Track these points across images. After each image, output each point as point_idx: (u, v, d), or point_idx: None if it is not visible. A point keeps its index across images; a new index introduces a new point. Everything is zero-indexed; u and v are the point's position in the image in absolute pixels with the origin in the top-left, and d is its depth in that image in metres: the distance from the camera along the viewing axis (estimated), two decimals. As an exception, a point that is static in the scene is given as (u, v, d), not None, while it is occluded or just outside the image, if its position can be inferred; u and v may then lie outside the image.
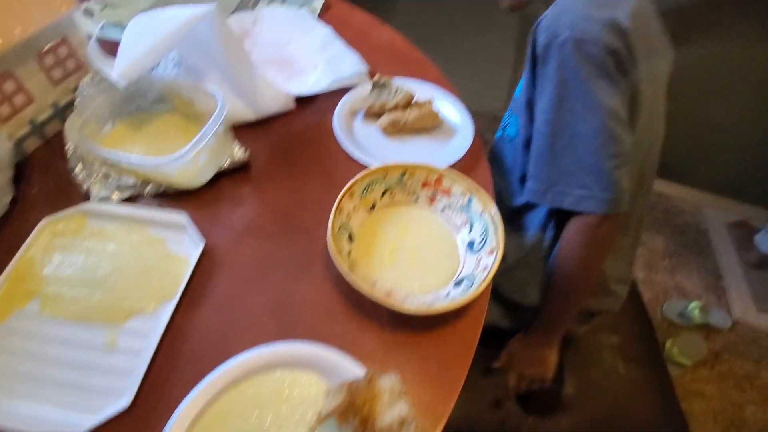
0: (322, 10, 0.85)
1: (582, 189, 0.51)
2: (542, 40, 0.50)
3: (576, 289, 0.59)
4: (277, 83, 0.65)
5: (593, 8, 0.48)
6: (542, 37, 0.50)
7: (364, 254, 0.49)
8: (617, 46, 0.47)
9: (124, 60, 0.48)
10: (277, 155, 0.61)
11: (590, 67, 0.48)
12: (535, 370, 0.67)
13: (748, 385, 1.24)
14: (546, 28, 0.50)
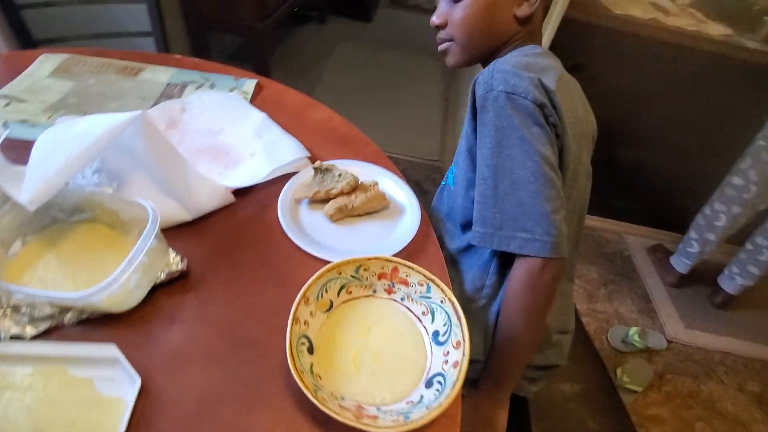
0: (254, 93, 0.85)
1: (525, 233, 0.52)
2: (480, 92, 0.55)
3: (523, 339, 0.58)
4: (212, 176, 0.62)
5: (522, 69, 0.54)
6: (480, 90, 0.55)
7: (326, 367, 0.45)
8: (544, 100, 0.53)
9: (34, 182, 0.43)
10: (219, 257, 0.56)
11: (522, 116, 0.52)
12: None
13: (693, 402, 1.32)
14: (483, 83, 0.55)
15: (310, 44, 2.71)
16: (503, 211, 0.53)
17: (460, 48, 0.64)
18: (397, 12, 3.40)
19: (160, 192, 0.55)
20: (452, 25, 0.62)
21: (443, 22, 0.63)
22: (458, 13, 0.61)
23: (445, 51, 0.66)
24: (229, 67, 0.92)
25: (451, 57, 0.66)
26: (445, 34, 0.64)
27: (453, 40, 0.64)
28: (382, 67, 2.66)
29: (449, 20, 0.62)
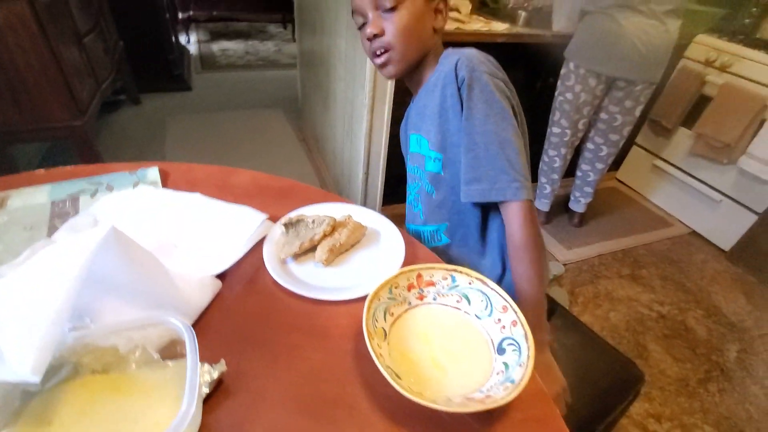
0: (162, 180, 0.77)
1: (515, 182, 0.64)
2: (464, 74, 0.65)
3: (538, 274, 0.66)
4: (193, 273, 0.56)
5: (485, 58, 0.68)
6: (464, 72, 0.65)
7: (419, 382, 0.47)
8: (505, 78, 0.69)
9: (22, 347, 0.34)
10: (242, 345, 0.51)
11: (498, 91, 0.65)
12: (549, 387, 0.64)
13: (599, 300, 1.66)
14: (465, 66, 0.65)
15: (133, 127, 2.46)
16: (495, 168, 0.64)
17: (399, 56, 0.69)
18: (213, 74, 3.35)
19: (146, 307, 0.48)
20: (390, 34, 0.66)
21: (381, 31, 0.67)
22: (395, 22, 0.66)
23: (385, 62, 0.70)
24: (112, 164, 0.81)
25: (391, 67, 0.70)
26: (384, 43, 0.67)
27: (391, 49, 0.68)
28: (225, 129, 2.59)
29: (386, 30, 0.67)
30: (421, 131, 0.76)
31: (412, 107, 0.81)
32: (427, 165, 0.76)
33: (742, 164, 1.81)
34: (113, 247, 0.43)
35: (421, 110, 0.75)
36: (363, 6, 0.67)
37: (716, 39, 1.91)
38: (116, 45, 2.38)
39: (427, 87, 0.74)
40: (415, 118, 0.79)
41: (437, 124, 0.71)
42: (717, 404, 1.31)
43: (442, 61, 0.71)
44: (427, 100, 0.73)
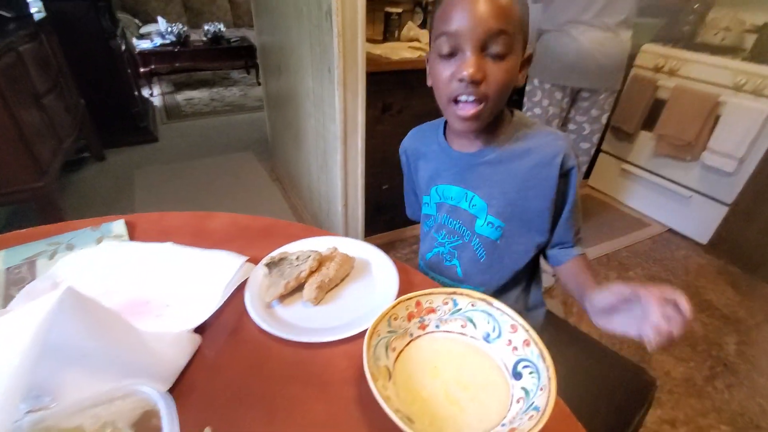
0: (129, 233, 0.72)
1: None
2: (573, 164, 0.65)
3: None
4: (168, 329, 0.50)
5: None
6: (572, 162, 0.65)
7: (435, 424, 0.42)
8: None
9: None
10: (232, 408, 0.45)
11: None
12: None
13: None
14: (572, 157, 0.65)
15: (99, 184, 2.37)
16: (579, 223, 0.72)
17: (489, 112, 0.60)
18: (179, 123, 3.31)
19: (116, 376, 0.42)
20: (491, 84, 0.57)
21: (484, 77, 0.56)
22: (501, 74, 0.56)
23: (475, 114, 0.59)
24: (72, 222, 0.75)
25: (478, 123, 0.60)
26: (480, 93, 0.57)
27: (485, 102, 0.58)
28: (197, 176, 2.53)
29: (488, 78, 0.56)
30: (478, 192, 0.69)
31: (459, 159, 0.70)
32: (480, 228, 0.71)
33: (705, 159, 1.88)
34: (71, 311, 0.38)
35: (485, 171, 0.68)
36: (463, 37, 0.55)
37: (661, 47, 2.03)
38: (77, 103, 2.32)
39: (502, 153, 0.66)
40: (467, 175, 0.69)
41: (510, 196, 0.67)
42: (728, 401, 1.28)
43: (525, 132, 0.66)
44: (499, 166, 0.66)
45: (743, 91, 1.74)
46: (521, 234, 0.70)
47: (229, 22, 4.52)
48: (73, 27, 2.34)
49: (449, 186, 0.72)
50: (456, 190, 0.71)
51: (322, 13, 1.26)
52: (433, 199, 0.76)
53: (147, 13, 4.12)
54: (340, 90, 1.31)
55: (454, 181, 0.71)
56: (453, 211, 0.73)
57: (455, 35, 0.55)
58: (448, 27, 0.56)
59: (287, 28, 1.67)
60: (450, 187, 0.72)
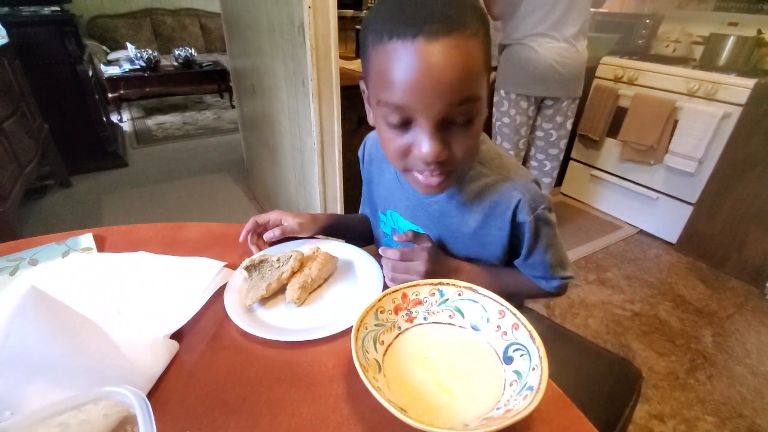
0: (98, 246, 0.68)
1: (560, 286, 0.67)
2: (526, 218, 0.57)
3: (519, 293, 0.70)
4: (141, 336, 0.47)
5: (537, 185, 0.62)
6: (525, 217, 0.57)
7: (429, 413, 0.40)
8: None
9: None
10: (213, 414, 0.43)
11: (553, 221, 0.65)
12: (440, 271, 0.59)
13: (575, 309, 1.66)
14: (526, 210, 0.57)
15: (65, 211, 2.27)
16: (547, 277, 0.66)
17: (459, 175, 0.55)
18: (151, 148, 3.24)
19: (85, 386, 0.39)
20: (460, 155, 0.49)
21: (449, 156, 0.48)
22: (470, 141, 0.49)
23: (440, 183, 0.51)
24: (36, 238, 0.71)
25: (442, 186, 0.52)
26: (446, 169, 0.50)
27: (455, 170, 0.51)
28: (170, 199, 2.46)
29: (454, 148, 0.48)
30: (428, 232, 0.64)
31: (411, 193, 0.65)
32: None
33: (667, 162, 1.98)
34: (34, 315, 0.35)
35: (434, 213, 0.63)
36: (418, 113, 0.45)
37: (619, 58, 2.15)
38: (41, 128, 2.25)
39: (452, 195, 0.60)
40: (418, 212, 0.65)
41: (461, 242, 0.63)
42: (711, 392, 1.30)
43: (480, 172, 0.59)
44: (449, 209, 0.61)
45: (697, 96, 1.85)
46: (480, 262, 0.66)
47: (201, 47, 4.52)
48: (38, 52, 2.29)
49: (401, 217, 0.68)
50: (406, 223, 0.67)
51: (294, 27, 1.28)
52: (388, 222, 0.72)
53: (115, 41, 4.08)
54: (315, 103, 1.32)
55: (405, 214, 0.67)
56: (396, 232, 0.71)
57: (404, 108, 0.45)
58: (391, 98, 0.44)
59: (260, 46, 1.68)
60: (401, 218, 0.68)
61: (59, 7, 2.34)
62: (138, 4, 4.30)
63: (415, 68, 0.42)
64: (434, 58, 0.41)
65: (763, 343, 1.52)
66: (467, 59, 0.43)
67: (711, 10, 2.21)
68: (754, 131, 1.71)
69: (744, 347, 1.49)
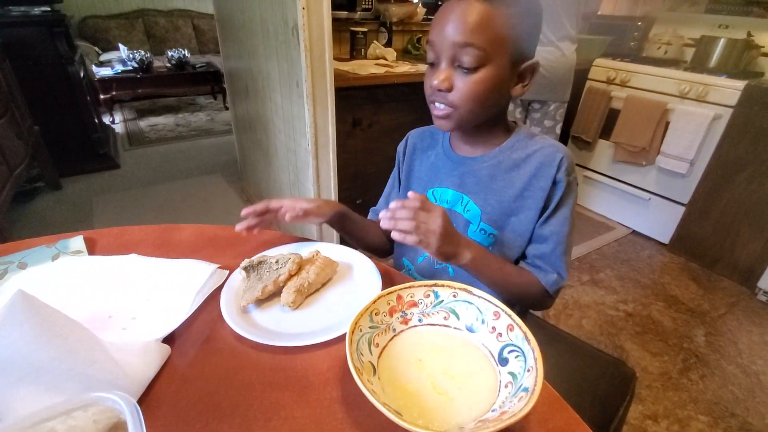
0: (89, 249, 0.67)
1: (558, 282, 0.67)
2: (564, 177, 0.63)
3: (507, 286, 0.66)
4: (133, 339, 0.46)
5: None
6: (563, 175, 0.63)
7: (424, 415, 0.40)
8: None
9: None
10: (207, 419, 0.42)
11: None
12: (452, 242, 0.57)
13: (569, 309, 1.67)
14: (566, 170, 0.63)
15: (55, 213, 2.24)
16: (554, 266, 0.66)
17: (461, 117, 0.61)
18: (143, 149, 3.21)
19: (75, 391, 0.38)
20: (459, 94, 0.58)
21: (449, 88, 0.58)
22: (469, 85, 0.58)
23: (442, 117, 0.62)
24: (25, 241, 0.70)
25: (447, 122, 0.62)
26: (448, 101, 0.59)
27: (455, 109, 0.60)
28: (163, 200, 2.44)
29: (456, 88, 0.58)
30: (474, 198, 0.68)
31: (459, 162, 0.70)
32: (472, 233, 0.70)
33: (659, 163, 2.00)
34: (23, 319, 0.34)
35: (483, 177, 0.67)
36: (440, 48, 0.58)
37: (611, 61, 2.17)
38: (31, 129, 2.22)
39: (502, 160, 0.66)
40: (466, 179, 0.69)
41: (505, 204, 0.66)
42: (703, 391, 1.31)
43: (527, 142, 0.66)
44: (498, 173, 0.66)
45: (688, 98, 1.87)
46: (511, 244, 0.68)
47: (194, 48, 4.49)
48: (28, 53, 2.26)
49: (446, 189, 0.71)
50: (452, 193, 0.70)
51: (288, 29, 1.27)
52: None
53: (108, 41, 4.04)
54: (309, 104, 1.31)
55: (451, 184, 0.71)
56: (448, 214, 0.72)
57: (433, 45, 0.59)
58: (430, 36, 0.60)
59: (254, 47, 1.67)
60: (447, 190, 0.71)
61: (50, 8, 2.31)
62: (130, 4, 4.27)
63: (444, 14, 0.57)
64: (456, 9, 0.56)
65: (754, 343, 1.53)
66: (481, 18, 0.55)
67: (702, 13, 2.24)
68: (745, 132, 1.73)
69: (736, 347, 1.51)
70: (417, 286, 0.52)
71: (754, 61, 1.99)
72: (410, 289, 0.52)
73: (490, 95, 0.59)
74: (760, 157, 1.71)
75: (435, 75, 0.59)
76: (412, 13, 2.13)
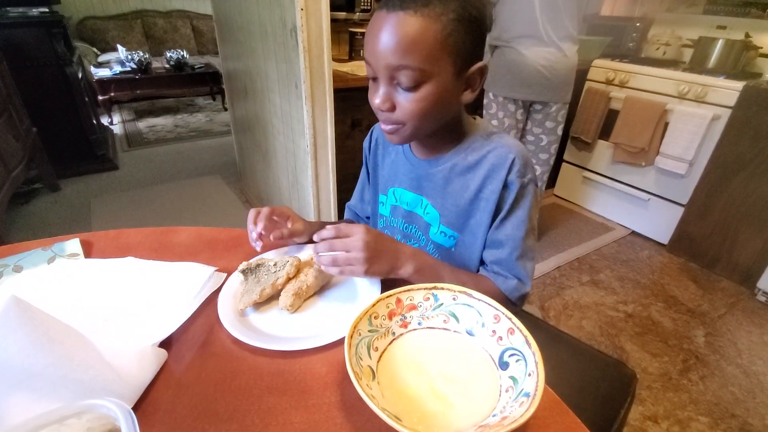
0: (85, 252, 0.67)
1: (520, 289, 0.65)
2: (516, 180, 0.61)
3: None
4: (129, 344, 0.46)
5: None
6: (516, 177, 0.61)
7: (424, 421, 0.40)
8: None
9: None
10: (201, 424, 0.41)
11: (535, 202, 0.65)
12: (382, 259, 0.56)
13: (569, 310, 1.67)
14: (519, 171, 0.61)
15: (53, 215, 2.24)
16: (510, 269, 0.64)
17: (410, 132, 0.59)
18: (141, 150, 3.20)
19: (70, 397, 0.37)
20: (403, 112, 0.56)
21: (390, 108, 0.56)
22: (411, 104, 0.55)
23: (391, 132, 0.60)
24: (20, 243, 0.69)
25: (397, 137, 0.60)
26: (393, 120, 0.57)
27: (402, 126, 0.58)
28: (161, 201, 2.43)
29: (398, 106, 0.56)
30: (432, 201, 0.68)
31: (417, 165, 0.69)
32: (434, 235, 0.70)
33: (658, 164, 1.99)
34: (16, 324, 0.34)
35: (439, 181, 0.67)
36: (375, 67, 0.55)
37: (610, 61, 2.17)
38: (28, 131, 2.21)
39: (457, 162, 0.65)
40: (423, 182, 0.69)
41: (462, 207, 0.65)
42: (703, 392, 1.31)
43: (483, 143, 0.64)
44: (453, 176, 0.65)
45: (687, 98, 1.87)
46: (472, 245, 0.67)
47: (192, 49, 4.49)
48: (26, 54, 2.25)
49: (405, 191, 0.71)
50: (411, 195, 0.70)
51: (286, 30, 1.27)
52: (390, 200, 0.75)
53: (106, 42, 4.04)
54: (308, 105, 1.31)
55: (410, 186, 0.70)
56: (408, 216, 0.73)
57: (368, 63, 0.56)
58: (365, 53, 0.57)
59: (252, 48, 1.67)
60: (406, 192, 0.71)
61: (48, 9, 2.31)
62: (129, 5, 4.27)
63: (374, 32, 0.53)
64: (386, 27, 0.51)
65: (754, 343, 1.53)
66: (414, 35, 0.50)
67: (700, 14, 2.24)
68: (743, 133, 1.73)
69: (735, 347, 1.50)
70: (416, 289, 0.51)
71: (752, 61, 1.99)
72: (409, 292, 0.51)
73: (435, 109, 0.56)
74: (758, 157, 1.71)
75: (376, 95, 0.56)
76: (410, 13, 2.13)
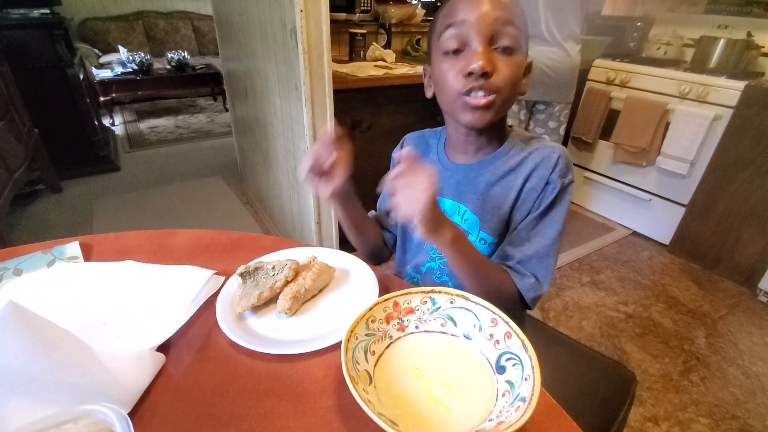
0: (84, 254, 0.67)
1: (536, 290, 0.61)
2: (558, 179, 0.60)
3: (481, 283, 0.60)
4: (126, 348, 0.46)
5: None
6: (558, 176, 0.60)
7: (420, 425, 0.40)
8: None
9: None
10: (199, 428, 0.42)
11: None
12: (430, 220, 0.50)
13: (569, 311, 1.67)
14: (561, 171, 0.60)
15: (55, 216, 2.24)
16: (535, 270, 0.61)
17: (499, 106, 0.57)
18: (143, 151, 3.21)
19: (67, 401, 0.38)
20: (502, 77, 0.55)
21: (494, 70, 0.54)
22: (511, 68, 0.55)
23: (488, 105, 0.56)
24: (20, 247, 0.69)
25: (489, 113, 0.57)
26: (491, 87, 0.55)
27: (497, 94, 0.56)
28: (163, 202, 2.44)
29: (498, 71, 0.55)
30: (471, 206, 0.66)
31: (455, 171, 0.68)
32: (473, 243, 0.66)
33: (659, 164, 1.99)
34: (14, 329, 0.34)
35: (480, 185, 0.65)
36: (473, 28, 0.54)
37: (611, 61, 2.17)
38: (30, 132, 2.22)
39: (498, 166, 0.64)
40: (463, 187, 0.67)
41: (503, 211, 0.63)
42: (704, 393, 1.31)
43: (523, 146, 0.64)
44: (495, 180, 0.64)
45: (688, 98, 1.87)
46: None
47: (194, 50, 4.49)
48: (28, 56, 2.26)
49: (442, 199, 0.69)
50: (449, 203, 0.68)
51: (286, 32, 1.27)
52: None
53: (107, 43, 4.05)
54: (307, 106, 1.31)
55: (448, 193, 0.68)
56: None
57: (462, 26, 0.54)
58: (455, 18, 0.55)
59: (252, 50, 1.67)
60: (443, 200, 0.69)
61: (49, 10, 2.32)
62: (130, 6, 4.28)
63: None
64: None
65: (755, 344, 1.53)
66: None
67: (701, 13, 2.23)
68: (745, 133, 1.73)
69: (736, 348, 1.50)
70: (414, 293, 0.51)
71: (754, 61, 1.98)
72: (407, 296, 0.51)
73: (517, 84, 0.57)
74: (760, 157, 1.71)
75: (473, 58, 0.53)
76: (411, 14, 2.13)
